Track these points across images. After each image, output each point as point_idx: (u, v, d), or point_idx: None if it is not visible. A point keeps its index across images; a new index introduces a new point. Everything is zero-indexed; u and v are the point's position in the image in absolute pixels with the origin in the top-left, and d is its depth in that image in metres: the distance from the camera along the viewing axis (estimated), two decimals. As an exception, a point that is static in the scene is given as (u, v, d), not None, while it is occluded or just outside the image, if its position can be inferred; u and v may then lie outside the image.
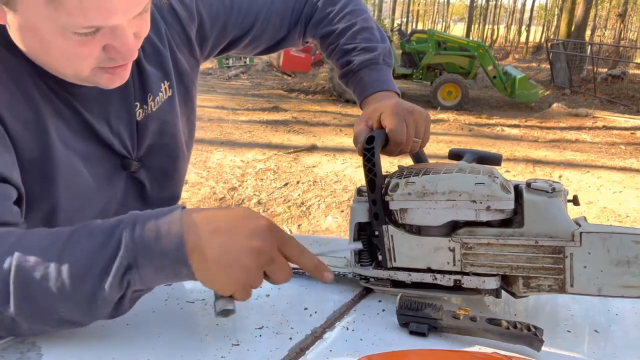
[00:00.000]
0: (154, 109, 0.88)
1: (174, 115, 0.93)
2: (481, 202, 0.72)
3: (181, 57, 0.93)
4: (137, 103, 0.85)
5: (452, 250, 0.75)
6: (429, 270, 0.77)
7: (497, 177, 0.73)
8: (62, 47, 0.65)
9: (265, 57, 12.47)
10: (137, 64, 0.84)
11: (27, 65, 0.71)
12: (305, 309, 0.78)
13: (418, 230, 0.77)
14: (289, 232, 3.88)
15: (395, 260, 0.79)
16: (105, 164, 0.84)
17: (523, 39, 34.82)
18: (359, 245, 0.79)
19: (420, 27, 38.86)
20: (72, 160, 0.78)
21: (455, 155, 0.92)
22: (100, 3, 0.60)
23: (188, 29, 0.93)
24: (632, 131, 8.05)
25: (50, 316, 0.61)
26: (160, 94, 0.89)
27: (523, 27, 37.85)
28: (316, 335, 0.71)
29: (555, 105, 9.75)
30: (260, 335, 0.70)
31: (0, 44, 0.69)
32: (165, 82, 0.90)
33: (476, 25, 36.79)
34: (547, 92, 11.34)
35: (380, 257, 0.80)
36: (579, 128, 8.24)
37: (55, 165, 0.75)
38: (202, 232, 0.59)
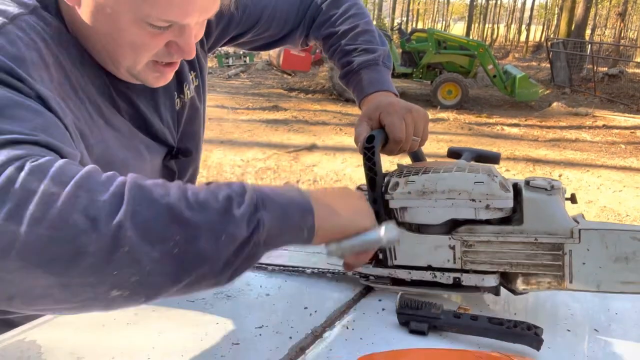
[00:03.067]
0: (188, 98, 0.93)
1: (201, 102, 0.99)
2: (480, 201, 0.72)
3: (199, 49, 0.97)
4: (175, 93, 0.90)
5: (453, 248, 0.75)
6: (429, 268, 0.78)
7: (496, 176, 0.73)
8: (133, 36, 0.67)
9: (265, 56, 12.47)
10: None
11: (89, 58, 0.73)
12: (305, 308, 0.78)
13: (418, 229, 0.77)
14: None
15: (395, 258, 0.79)
16: (156, 155, 0.87)
17: (523, 38, 34.82)
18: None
19: (420, 26, 38.83)
20: (126, 154, 0.79)
21: (454, 153, 0.92)
22: (186, 1, 0.64)
23: None
24: (632, 130, 8.04)
25: (162, 243, 0.48)
26: (191, 84, 0.94)
27: (523, 26, 37.85)
28: (316, 335, 0.71)
29: (555, 104, 9.75)
30: (260, 335, 0.70)
31: (68, 32, 0.70)
32: (192, 72, 0.95)
33: (476, 24, 36.80)
34: (547, 91, 11.34)
35: (380, 255, 0.80)
36: (579, 127, 8.24)
37: (113, 157, 0.75)
38: (318, 193, 0.61)
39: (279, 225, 0.54)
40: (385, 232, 0.62)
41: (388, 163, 0.84)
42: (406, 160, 0.94)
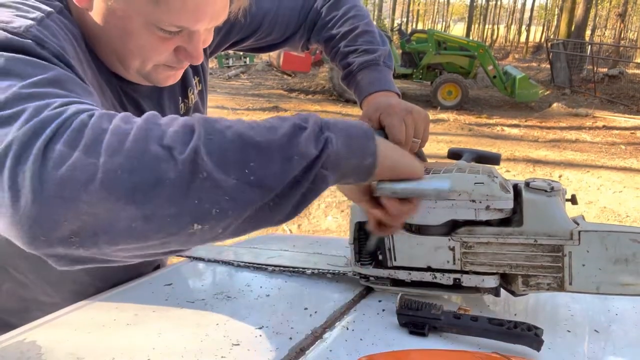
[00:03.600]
0: (192, 103, 0.94)
1: (204, 107, 1.01)
2: (480, 202, 0.72)
3: None
4: (180, 97, 0.91)
5: (452, 249, 0.75)
6: (428, 269, 0.78)
7: (496, 177, 0.73)
8: (142, 40, 0.68)
9: (265, 57, 12.47)
10: None
11: (98, 61, 0.74)
12: (305, 309, 0.78)
13: (418, 230, 0.77)
14: (288, 232, 3.89)
15: (395, 259, 0.79)
16: None
17: (523, 38, 34.82)
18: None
19: (420, 26, 38.87)
20: None
21: (454, 154, 0.92)
22: (198, 7, 0.65)
23: None
24: (632, 131, 8.04)
25: (238, 170, 0.48)
26: (195, 88, 0.96)
27: (523, 27, 37.85)
28: (316, 335, 0.71)
29: (555, 105, 9.75)
30: (260, 335, 0.70)
31: (81, 32, 0.71)
32: (196, 77, 0.96)
33: (476, 25, 36.80)
34: (547, 92, 11.35)
35: (380, 256, 0.80)
36: (579, 128, 8.24)
37: None
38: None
39: (345, 146, 0.54)
40: (449, 185, 0.62)
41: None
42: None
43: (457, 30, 41.92)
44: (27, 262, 0.86)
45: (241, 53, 11.61)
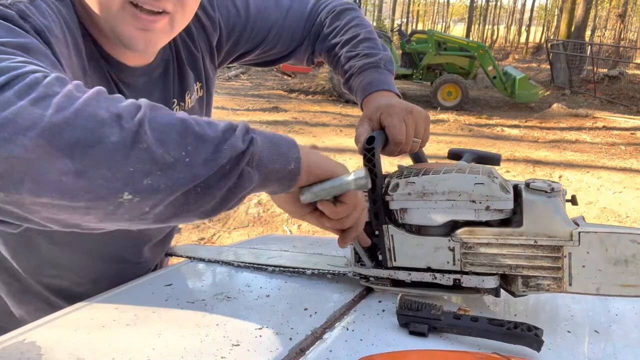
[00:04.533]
0: (189, 107, 0.94)
1: (201, 113, 1.00)
2: (480, 202, 0.72)
3: (208, 62, 0.99)
4: (175, 100, 0.91)
5: (452, 249, 0.75)
6: (428, 269, 0.78)
7: (496, 177, 0.73)
8: None
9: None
10: (178, 64, 0.92)
11: (94, 48, 0.75)
12: (305, 309, 0.78)
13: (418, 230, 0.77)
14: (288, 233, 3.88)
15: (395, 260, 0.79)
16: None
17: (523, 39, 34.83)
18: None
19: (420, 27, 38.85)
20: None
21: (455, 155, 0.92)
22: None
23: (211, 38, 0.98)
24: (632, 131, 8.05)
25: (176, 149, 0.50)
26: (194, 93, 0.96)
27: (523, 28, 37.86)
28: (316, 336, 0.71)
29: (555, 105, 9.76)
30: (260, 336, 0.70)
31: (78, 20, 0.72)
32: (198, 83, 0.96)
33: (476, 26, 36.80)
34: (547, 93, 11.34)
35: (380, 257, 0.80)
36: (579, 128, 8.24)
37: None
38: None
39: (269, 149, 0.57)
40: (354, 175, 0.62)
41: (388, 164, 0.84)
42: (407, 161, 0.94)
43: (457, 30, 41.93)
44: None
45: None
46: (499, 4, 41.45)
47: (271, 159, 0.57)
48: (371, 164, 0.77)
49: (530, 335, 0.65)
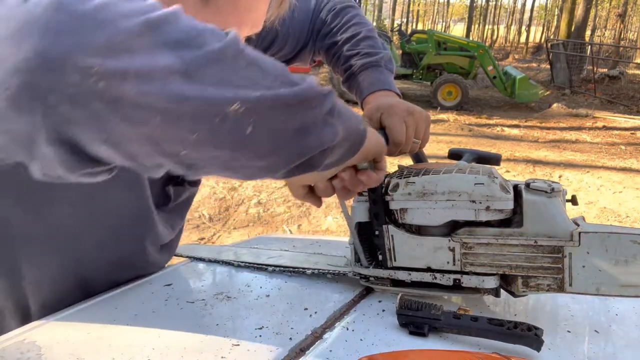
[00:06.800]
0: None
1: None
2: (480, 202, 0.72)
3: None
4: None
5: (452, 250, 0.75)
6: (428, 269, 0.78)
7: (497, 177, 0.73)
8: None
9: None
10: None
11: None
12: (305, 309, 0.78)
13: (418, 230, 0.77)
14: (288, 232, 3.88)
15: (395, 260, 0.79)
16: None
17: (523, 39, 34.85)
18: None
19: (420, 27, 38.86)
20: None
21: (455, 154, 0.92)
22: (250, 10, 0.66)
23: None
24: (632, 131, 8.05)
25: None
26: None
27: (523, 28, 37.87)
28: (316, 336, 0.71)
29: (555, 105, 9.76)
30: (260, 336, 0.70)
31: None
32: None
33: (476, 26, 36.80)
34: (547, 92, 11.35)
35: (380, 257, 0.80)
36: (579, 128, 8.25)
37: None
38: None
39: (347, 117, 0.56)
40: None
41: (388, 164, 0.84)
42: (407, 161, 0.94)
43: (457, 30, 41.93)
44: None
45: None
46: (499, 3, 41.47)
47: (348, 114, 0.56)
48: (371, 164, 0.77)
49: (530, 335, 0.65)
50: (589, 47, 14.11)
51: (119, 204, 0.82)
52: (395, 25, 23.77)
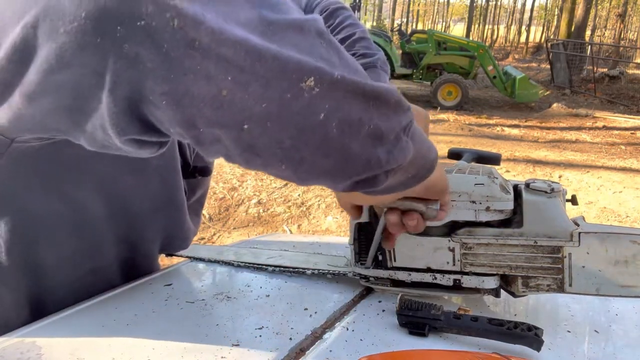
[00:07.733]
0: None
1: None
2: (480, 203, 0.72)
3: None
4: None
5: (452, 250, 0.75)
6: (428, 270, 0.78)
7: (497, 178, 0.73)
8: None
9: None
10: None
11: None
12: (305, 309, 0.78)
13: (418, 231, 0.77)
14: (288, 232, 3.88)
15: (395, 260, 0.79)
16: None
17: (523, 39, 34.85)
18: None
19: (420, 27, 38.88)
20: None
21: (455, 154, 0.92)
22: None
23: None
24: (632, 131, 8.05)
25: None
26: None
27: (523, 27, 37.87)
28: (316, 336, 0.71)
29: (555, 105, 9.76)
30: (260, 336, 0.70)
31: None
32: None
33: (476, 26, 36.80)
34: (547, 92, 11.36)
35: (380, 257, 0.80)
36: (579, 128, 8.25)
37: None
38: None
39: (420, 140, 0.52)
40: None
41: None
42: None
43: (457, 30, 41.93)
44: None
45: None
46: (499, 3, 41.47)
47: (422, 137, 0.52)
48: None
49: (530, 335, 0.65)
50: (589, 47, 14.11)
51: (149, 192, 0.83)
52: (395, 25, 23.77)
